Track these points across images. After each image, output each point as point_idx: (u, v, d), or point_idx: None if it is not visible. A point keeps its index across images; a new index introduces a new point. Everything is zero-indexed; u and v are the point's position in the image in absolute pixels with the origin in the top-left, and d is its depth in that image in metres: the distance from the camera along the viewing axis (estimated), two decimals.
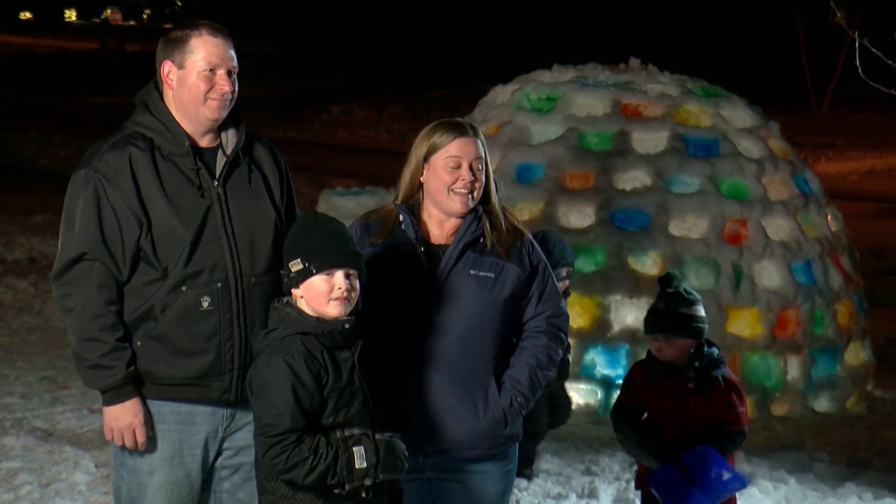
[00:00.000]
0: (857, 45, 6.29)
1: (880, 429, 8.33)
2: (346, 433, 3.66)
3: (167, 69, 3.98)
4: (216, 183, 3.98)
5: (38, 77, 41.05)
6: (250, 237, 3.99)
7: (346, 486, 3.63)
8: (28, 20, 79.36)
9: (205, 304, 3.92)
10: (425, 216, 4.08)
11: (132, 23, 64.66)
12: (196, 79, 3.94)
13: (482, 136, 4.11)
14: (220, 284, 3.94)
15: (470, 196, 4.01)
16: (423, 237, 4.05)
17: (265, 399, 3.63)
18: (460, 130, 4.04)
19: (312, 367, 3.64)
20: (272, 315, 3.79)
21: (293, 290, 3.75)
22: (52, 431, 7.46)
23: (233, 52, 4.00)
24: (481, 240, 4.04)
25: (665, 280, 5.24)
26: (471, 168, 4.00)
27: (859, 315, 9.03)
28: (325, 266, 3.70)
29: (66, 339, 9.79)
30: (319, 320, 3.70)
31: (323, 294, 3.70)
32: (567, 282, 6.45)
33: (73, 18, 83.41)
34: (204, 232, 3.93)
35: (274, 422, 3.59)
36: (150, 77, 4.11)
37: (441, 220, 4.07)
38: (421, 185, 4.07)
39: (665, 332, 5.05)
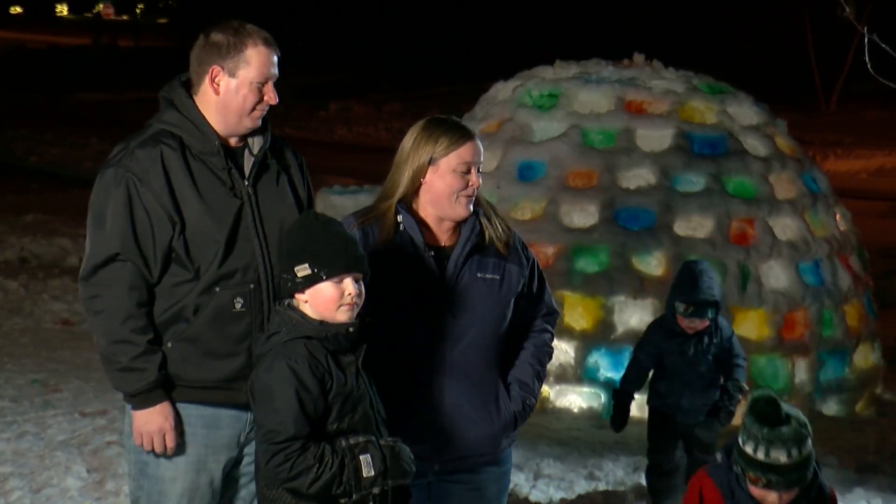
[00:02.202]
0: (866, 40, 6.29)
1: (890, 433, 8.33)
2: (352, 441, 3.64)
3: (216, 74, 3.97)
4: (247, 183, 4.00)
5: (29, 73, 41.03)
6: (279, 238, 4.00)
7: (354, 496, 3.62)
8: (18, 15, 79.36)
9: (238, 306, 3.94)
10: (422, 216, 4.06)
11: (125, 17, 64.60)
12: (248, 90, 3.96)
13: None
14: (252, 286, 3.96)
15: (473, 199, 4.02)
16: (427, 240, 4.03)
17: (268, 405, 3.61)
18: (468, 133, 4.02)
19: (317, 372, 3.62)
20: (274, 318, 3.77)
21: (297, 295, 3.74)
22: (43, 436, 7.45)
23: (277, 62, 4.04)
24: (483, 242, 4.04)
25: (769, 412, 3.98)
26: (478, 171, 4.01)
27: (869, 316, 9.03)
28: (335, 272, 3.68)
29: (56, 342, 9.82)
30: (323, 324, 3.68)
31: (333, 300, 3.69)
32: (705, 321, 6.26)
33: (65, 13, 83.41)
34: (237, 233, 3.95)
35: (277, 428, 3.57)
36: (143, 73, 4.13)
37: (438, 220, 4.05)
38: (419, 186, 4.04)
39: (792, 487, 4.02)
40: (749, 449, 3.97)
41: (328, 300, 3.68)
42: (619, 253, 8.39)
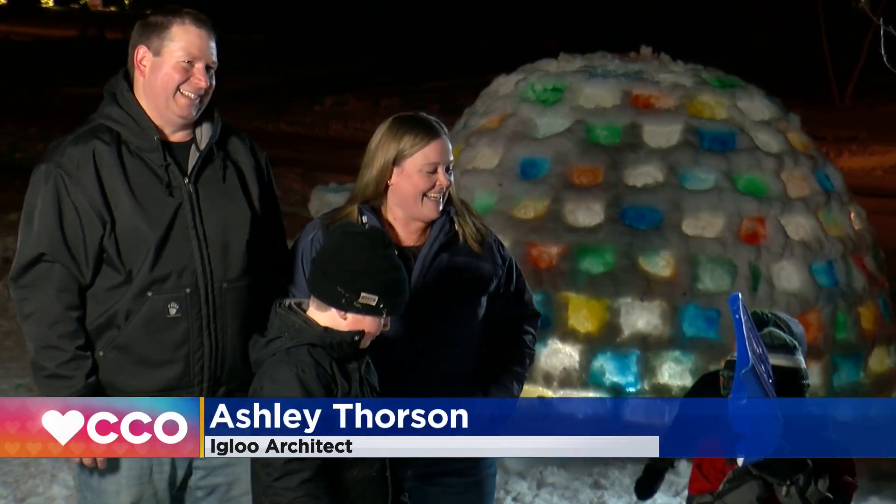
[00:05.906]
0: (881, 32, 6.30)
1: None
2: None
3: (141, 54, 3.91)
4: (187, 180, 3.92)
5: (13, 66, 41.01)
6: (223, 239, 3.94)
7: None
8: (2, 6, 79.39)
9: (172, 311, 3.87)
10: (390, 217, 4.05)
11: (113, 9, 64.62)
12: (171, 69, 3.88)
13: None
14: (188, 290, 3.88)
15: (441, 199, 4.00)
16: (393, 241, 4.03)
17: None
18: (433, 132, 3.99)
19: (322, 381, 3.61)
20: (273, 321, 3.74)
21: (336, 310, 3.68)
22: None
23: (214, 46, 3.95)
24: (454, 240, 4.04)
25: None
26: (446, 171, 3.99)
27: (884, 319, 9.03)
28: (395, 313, 3.69)
29: None
30: (328, 330, 3.67)
31: (373, 333, 3.69)
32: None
33: (51, 4, 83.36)
34: (172, 233, 3.87)
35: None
36: None
37: (407, 221, 4.05)
38: (387, 187, 4.03)
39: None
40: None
41: (371, 333, 3.68)
42: (625, 253, 8.39)
